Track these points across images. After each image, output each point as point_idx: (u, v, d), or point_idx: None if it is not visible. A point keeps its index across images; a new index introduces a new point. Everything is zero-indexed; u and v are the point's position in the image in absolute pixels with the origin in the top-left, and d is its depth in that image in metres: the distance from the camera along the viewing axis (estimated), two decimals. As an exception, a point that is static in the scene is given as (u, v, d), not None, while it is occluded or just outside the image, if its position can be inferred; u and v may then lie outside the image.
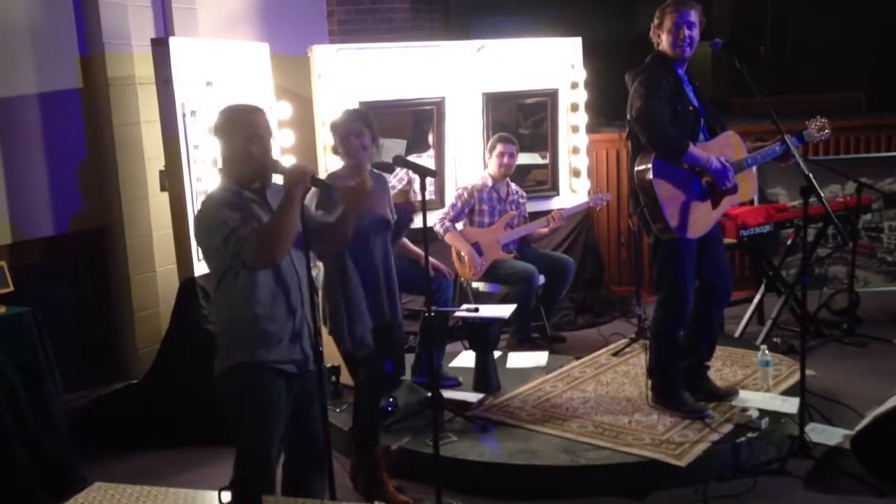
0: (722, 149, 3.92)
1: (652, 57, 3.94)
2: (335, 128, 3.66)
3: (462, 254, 5.24)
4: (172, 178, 4.37)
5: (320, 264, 3.64)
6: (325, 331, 3.60)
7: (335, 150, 3.69)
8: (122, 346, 4.90)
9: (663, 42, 3.87)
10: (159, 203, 4.80)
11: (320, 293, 3.56)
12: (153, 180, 4.82)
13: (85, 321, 4.80)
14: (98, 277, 4.86)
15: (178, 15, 5.02)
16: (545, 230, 5.41)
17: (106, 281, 4.89)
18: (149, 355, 4.69)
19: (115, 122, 4.75)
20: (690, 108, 3.89)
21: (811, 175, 3.65)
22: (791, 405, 3.99)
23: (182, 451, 4.19)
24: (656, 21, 3.90)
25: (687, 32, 3.82)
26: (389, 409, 4.16)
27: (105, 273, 4.88)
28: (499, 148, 5.30)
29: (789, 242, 5.68)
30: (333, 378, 4.42)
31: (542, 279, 5.25)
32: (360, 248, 3.48)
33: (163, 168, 4.51)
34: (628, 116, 3.88)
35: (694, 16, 3.85)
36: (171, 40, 4.34)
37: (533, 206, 5.74)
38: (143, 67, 4.72)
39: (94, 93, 4.74)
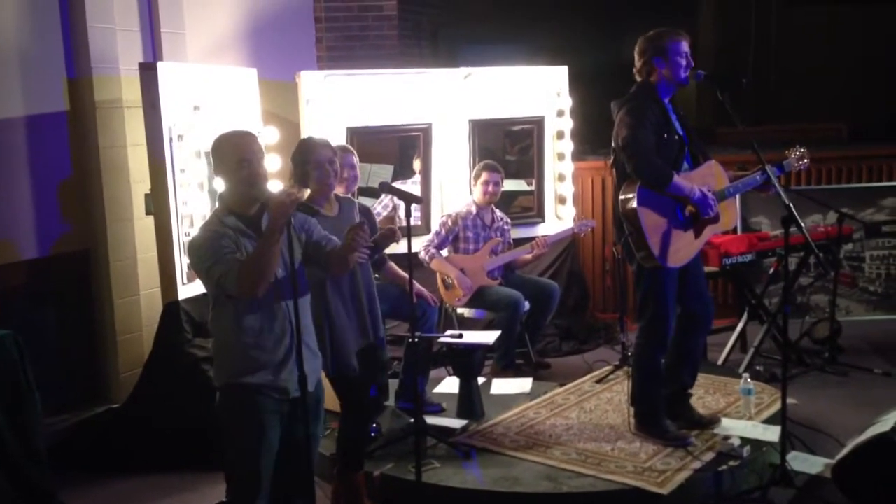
0: (704, 178, 3.97)
1: (638, 86, 3.98)
2: (304, 154, 3.60)
3: (449, 279, 5.25)
4: (158, 202, 4.37)
5: None
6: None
7: (300, 177, 3.61)
8: (104, 369, 4.87)
9: (662, 70, 3.86)
10: (144, 226, 4.80)
11: None
12: (139, 203, 4.82)
13: (67, 344, 4.77)
14: (81, 300, 4.84)
15: (166, 40, 5.04)
16: (529, 256, 5.44)
17: (89, 304, 4.86)
18: (131, 379, 4.66)
19: (102, 145, 4.76)
20: (675, 137, 3.93)
21: (791, 205, 3.69)
22: (773, 433, 4.01)
23: (164, 476, 4.15)
24: (653, 50, 3.88)
25: (690, 61, 3.89)
26: (372, 434, 4.14)
27: (88, 296, 4.86)
28: (483, 176, 5.33)
29: (771, 271, 5.73)
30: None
31: (527, 305, 5.26)
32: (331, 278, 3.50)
33: (148, 191, 4.52)
34: (613, 145, 3.92)
35: (687, 45, 3.93)
36: (160, 65, 4.37)
37: (518, 233, 5.77)
38: (131, 91, 4.74)
39: (81, 116, 4.75)
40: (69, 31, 4.71)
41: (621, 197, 3.88)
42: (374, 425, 4.22)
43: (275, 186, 3.97)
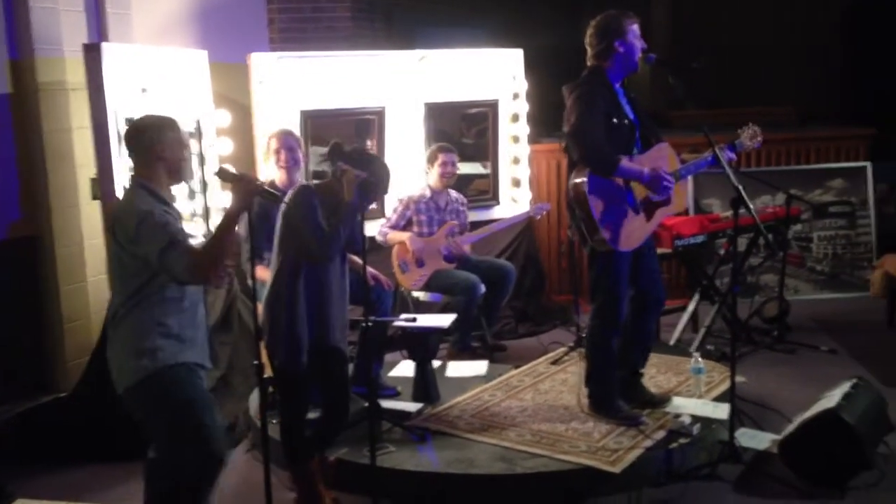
0: (655, 161, 3.99)
1: (589, 71, 3.98)
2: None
3: (405, 262, 5.25)
4: (104, 187, 4.28)
5: (264, 278, 3.62)
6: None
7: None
8: (50, 357, 4.76)
9: (622, 52, 3.87)
10: (90, 211, 4.69)
11: (262, 305, 3.54)
12: (84, 188, 4.71)
13: (12, 332, 4.65)
14: (26, 288, 4.72)
15: (112, 20, 4.92)
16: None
17: (35, 291, 4.75)
18: (78, 367, 4.57)
19: (46, 129, 4.63)
20: (626, 121, 3.95)
21: (741, 187, 3.75)
22: (722, 411, 4.08)
23: (113, 466, 4.08)
24: (614, 33, 3.86)
25: (644, 44, 3.90)
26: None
27: (34, 283, 4.74)
28: (441, 158, 5.31)
29: (722, 252, 5.82)
30: (270, 389, 4.36)
31: (483, 288, 5.27)
32: (315, 268, 3.47)
33: (94, 176, 4.42)
34: (565, 129, 3.93)
35: (639, 28, 3.95)
36: (104, 46, 4.26)
37: (474, 216, 5.77)
38: (75, 73, 4.61)
39: (24, 98, 4.61)
40: (11, 10, 4.56)
41: (572, 182, 3.89)
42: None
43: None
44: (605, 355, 4.07)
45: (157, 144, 2.87)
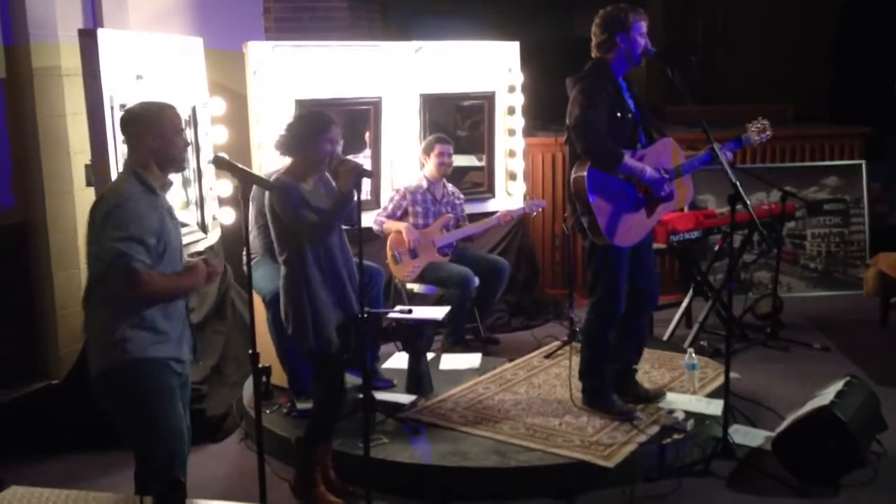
0: (659, 156, 3.98)
1: (592, 64, 3.96)
2: (321, 125, 3.49)
3: (398, 253, 5.23)
4: (99, 173, 4.25)
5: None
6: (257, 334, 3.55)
7: (305, 146, 3.49)
8: (43, 345, 4.73)
9: (623, 47, 3.84)
10: (85, 198, 4.65)
11: (282, 297, 3.52)
12: (79, 175, 4.67)
13: (4, 319, 4.62)
14: (19, 274, 4.69)
15: (107, 6, 4.87)
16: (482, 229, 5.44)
17: (28, 278, 4.71)
18: (71, 355, 4.55)
19: (40, 115, 4.59)
20: (629, 115, 3.93)
21: (738, 183, 3.74)
22: (716, 407, 4.09)
23: (105, 453, 4.05)
24: (619, 26, 3.84)
25: (647, 41, 3.89)
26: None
27: (27, 270, 4.71)
28: (437, 148, 5.31)
29: (717, 248, 5.82)
30: (264, 379, 4.35)
31: (476, 281, 5.26)
32: (321, 247, 3.46)
33: (89, 162, 4.39)
34: (567, 122, 3.91)
35: (646, 27, 3.93)
36: (100, 32, 4.22)
37: (469, 209, 5.76)
38: (70, 58, 4.57)
39: (18, 83, 4.57)
40: (5, -5, 4.52)
41: (573, 176, 3.88)
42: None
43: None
44: (601, 349, 4.07)
45: (146, 134, 2.84)
